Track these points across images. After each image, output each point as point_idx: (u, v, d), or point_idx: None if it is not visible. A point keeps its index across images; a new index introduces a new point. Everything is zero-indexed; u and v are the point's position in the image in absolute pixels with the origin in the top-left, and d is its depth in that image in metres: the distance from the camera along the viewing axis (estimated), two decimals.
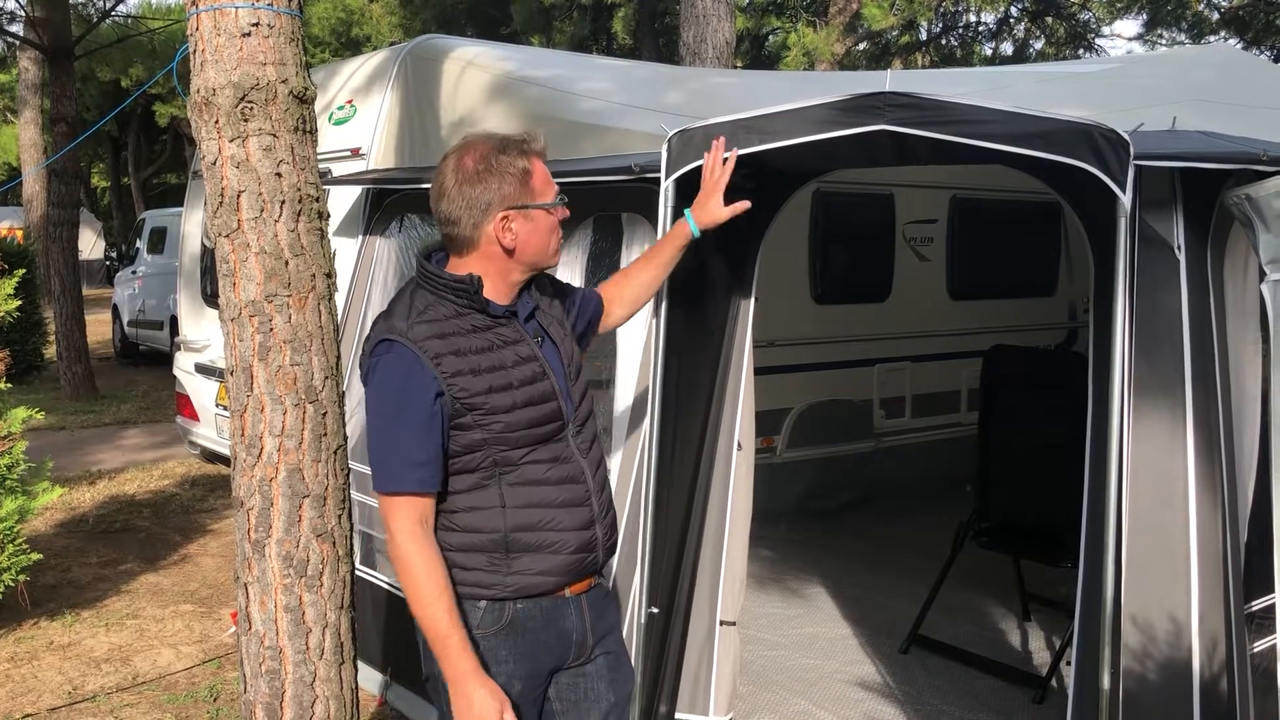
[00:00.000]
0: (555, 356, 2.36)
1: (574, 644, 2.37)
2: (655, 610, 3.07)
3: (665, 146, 2.94)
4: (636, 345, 3.36)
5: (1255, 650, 2.67)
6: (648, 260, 2.82)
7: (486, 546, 2.25)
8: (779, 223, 3.41)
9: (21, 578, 4.95)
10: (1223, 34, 19.17)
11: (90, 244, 26.20)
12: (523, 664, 2.30)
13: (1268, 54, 18.06)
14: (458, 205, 2.24)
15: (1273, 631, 2.60)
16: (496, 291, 2.30)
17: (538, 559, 2.27)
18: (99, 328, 14.92)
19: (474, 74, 4.51)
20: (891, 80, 2.70)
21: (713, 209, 2.78)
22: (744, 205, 2.79)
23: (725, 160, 2.82)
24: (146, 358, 14.43)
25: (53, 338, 12.27)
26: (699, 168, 2.88)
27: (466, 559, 2.26)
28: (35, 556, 5.04)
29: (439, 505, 2.25)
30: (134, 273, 14.73)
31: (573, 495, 2.31)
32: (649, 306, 3.14)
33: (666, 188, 2.94)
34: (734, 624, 3.37)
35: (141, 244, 14.92)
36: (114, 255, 16.52)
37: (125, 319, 14.87)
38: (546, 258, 2.34)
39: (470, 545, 2.25)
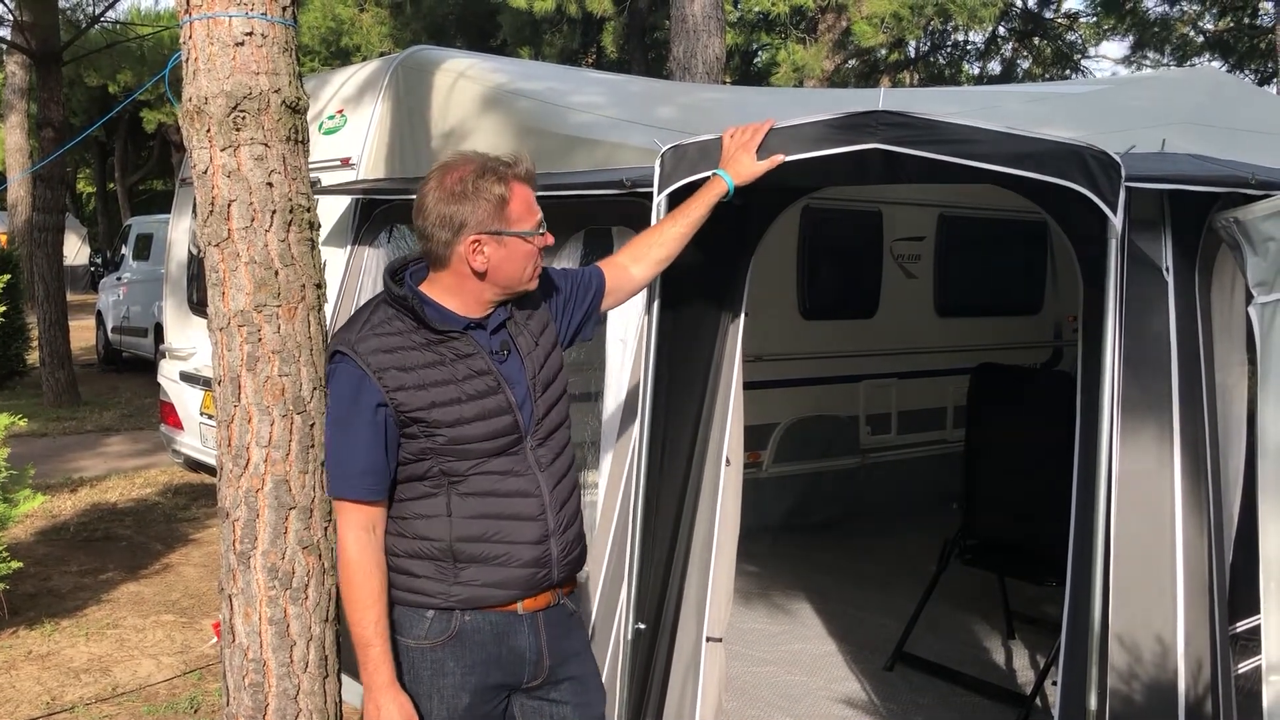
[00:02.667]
0: (518, 369, 2.35)
1: (528, 663, 2.36)
2: (642, 626, 3.06)
3: (658, 161, 2.94)
4: (627, 359, 3.35)
5: (1240, 671, 2.68)
6: (674, 219, 2.76)
7: (433, 555, 2.28)
8: (767, 238, 3.42)
9: (0, 586, 4.90)
10: (1207, 56, 19.36)
11: (75, 250, 26.09)
12: (470, 677, 2.30)
13: (1252, 77, 18.24)
14: (433, 222, 2.27)
15: (1257, 652, 2.61)
16: (467, 307, 2.32)
17: (484, 571, 2.28)
18: (83, 334, 14.84)
19: (466, 86, 4.51)
20: (884, 99, 2.71)
21: (748, 164, 2.74)
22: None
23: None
24: (130, 365, 14.35)
25: (36, 343, 12.19)
26: (691, 183, 2.88)
27: (415, 565, 2.29)
28: (15, 565, 5.00)
29: (392, 511, 2.30)
30: (119, 279, 14.66)
31: (523, 509, 2.31)
32: (640, 319, 3.14)
33: (659, 202, 2.94)
34: (720, 640, 3.36)
35: (127, 250, 14.84)
36: (99, 261, 16.42)
37: (109, 325, 14.79)
38: (520, 283, 2.34)
39: (418, 552, 2.29)
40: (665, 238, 2.73)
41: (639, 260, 2.71)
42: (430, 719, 2.30)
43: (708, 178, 2.81)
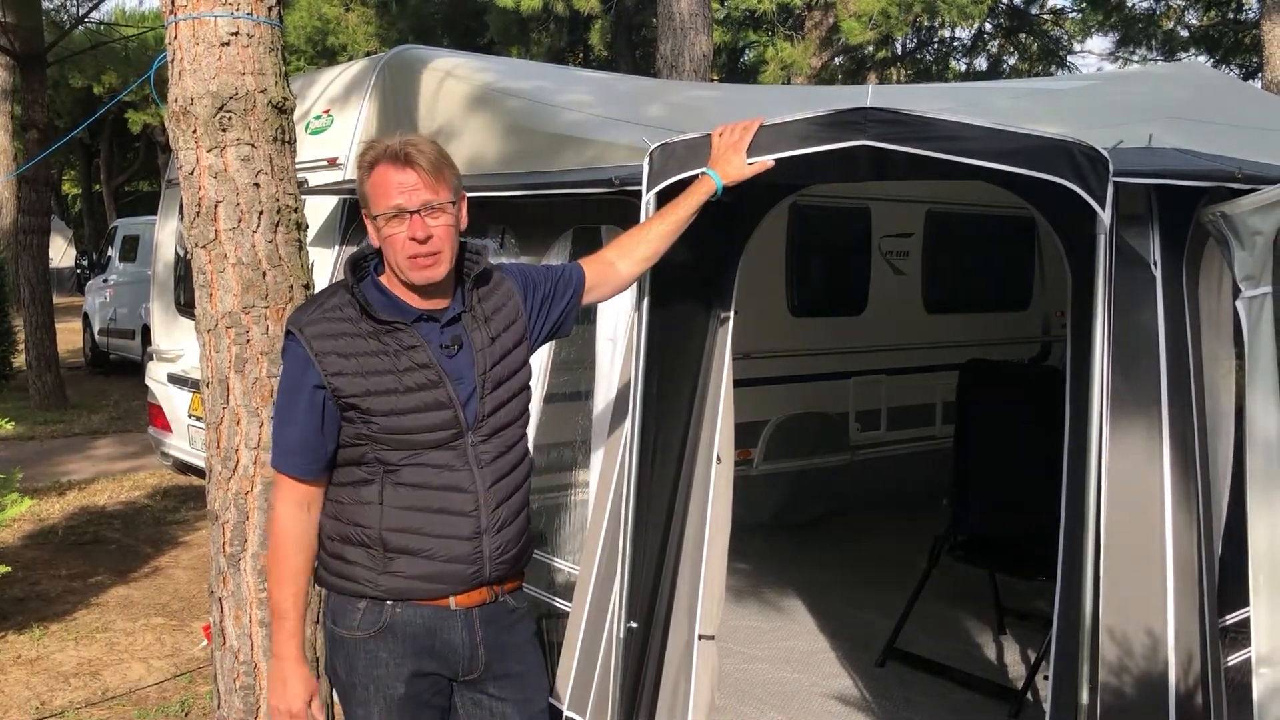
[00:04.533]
0: (468, 364, 2.31)
1: (462, 657, 2.35)
2: (634, 625, 3.06)
3: (647, 160, 2.94)
4: (616, 357, 3.35)
5: (1230, 664, 2.69)
6: (662, 217, 2.75)
7: (364, 541, 2.29)
8: (756, 236, 3.42)
9: None
10: (1193, 51, 19.45)
11: (61, 252, 25.97)
12: (403, 667, 2.31)
13: (1237, 72, 18.32)
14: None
15: (1247, 645, 2.62)
16: (408, 296, 2.30)
17: (414, 563, 2.28)
18: (69, 336, 14.77)
19: (453, 85, 4.50)
20: (872, 95, 2.71)
21: (738, 164, 2.73)
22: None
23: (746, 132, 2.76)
24: (117, 367, 14.29)
25: (22, 346, 12.13)
26: (680, 181, 2.88)
27: (348, 551, 2.30)
28: (3, 569, 4.97)
29: (330, 494, 2.33)
30: (105, 281, 14.60)
31: (454, 504, 2.29)
32: (630, 317, 3.13)
33: (648, 201, 2.93)
34: (712, 638, 3.36)
35: (114, 252, 14.78)
36: (85, 263, 16.35)
37: (96, 328, 14.72)
38: (402, 272, 2.26)
39: (350, 538, 2.30)
40: (652, 235, 2.72)
41: (625, 256, 2.70)
42: (368, 707, 2.31)
43: (696, 175, 2.80)
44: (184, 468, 7.73)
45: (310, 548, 2.32)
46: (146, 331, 10.41)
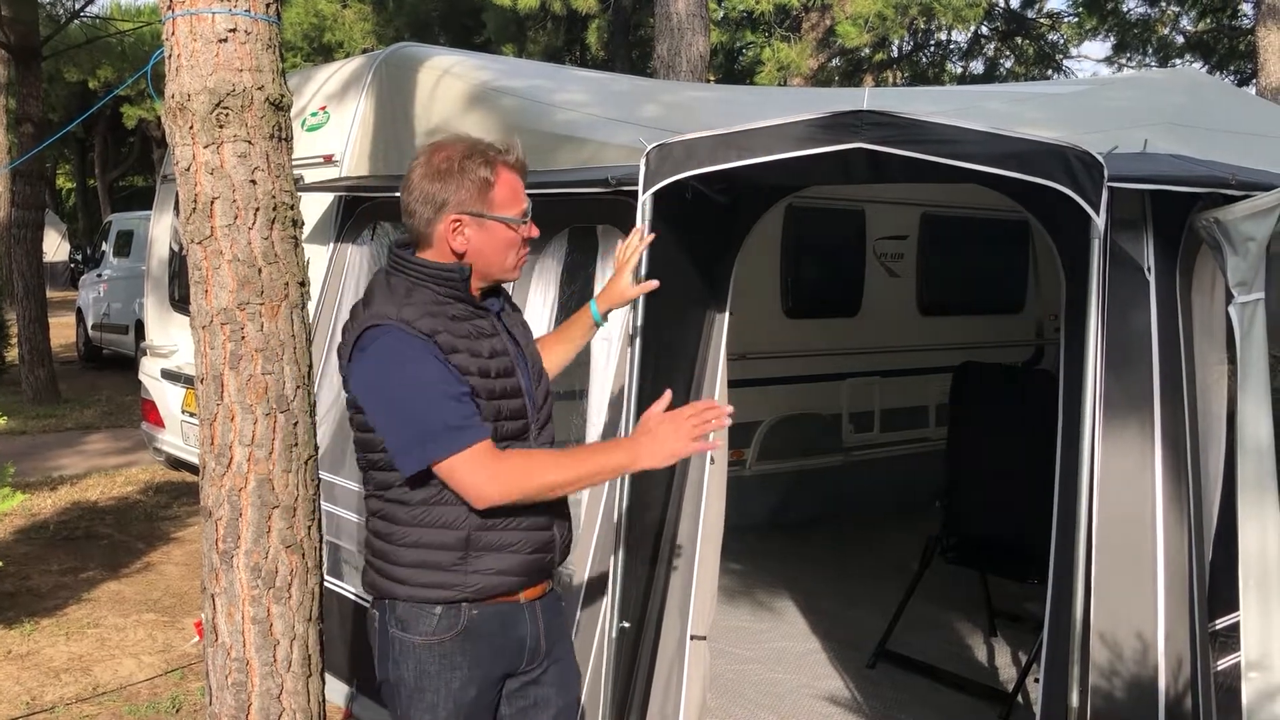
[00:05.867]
0: (521, 357, 2.38)
1: (527, 650, 2.38)
2: (627, 625, 3.06)
3: (644, 160, 2.94)
4: (611, 357, 3.35)
5: (1219, 668, 2.70)
6: (558, 338, 2.79)
7: (450, 544, 2.25)
8: (752, 237, 3.42)
9: None
10: (1187, 57, 19.50)
11: (55, 246, 25.90)
12: (478, 670, 2.31)
13: (1231, 78, 18.38)
14: (416, 198, 2.28)
15: (1236, 649, 2.63)
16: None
17: (498, 558, 2.28)
18: (63, 331, 14.75)
19: (450, 83, 4.50)
20: (868, 98, 2.71)
21: (621, 288, 2.75)
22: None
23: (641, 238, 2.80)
24: (111, 362, 14.27)
25: (15, 341, 12.10)
26: (676, 181, 2.89)
27: (429, 556, 2.26)
28: None
29: (417, 497, 2.24)
30: (99, 276, 14.57)
31: None
32: (625, 318, 3.14)
33: (644, 201, 2.94)
34: (705, 638, 3.36)
35: (108, 247, 14.76)
36: (79, 258, 16.32)
37: (90, 322, 14.70)
38: (501, 271, 2.34)
39: (433, 541, 2.26)
40: (551, 354, 2.70)
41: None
42: (435, 712, 2.30)
43: (688, 178, 2.83)
44: (177, 463, 7.71)
45: (542, 451, 2.30)
46: (140, 327, 10.39)
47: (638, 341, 2.98)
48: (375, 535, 2.33)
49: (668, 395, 2.30)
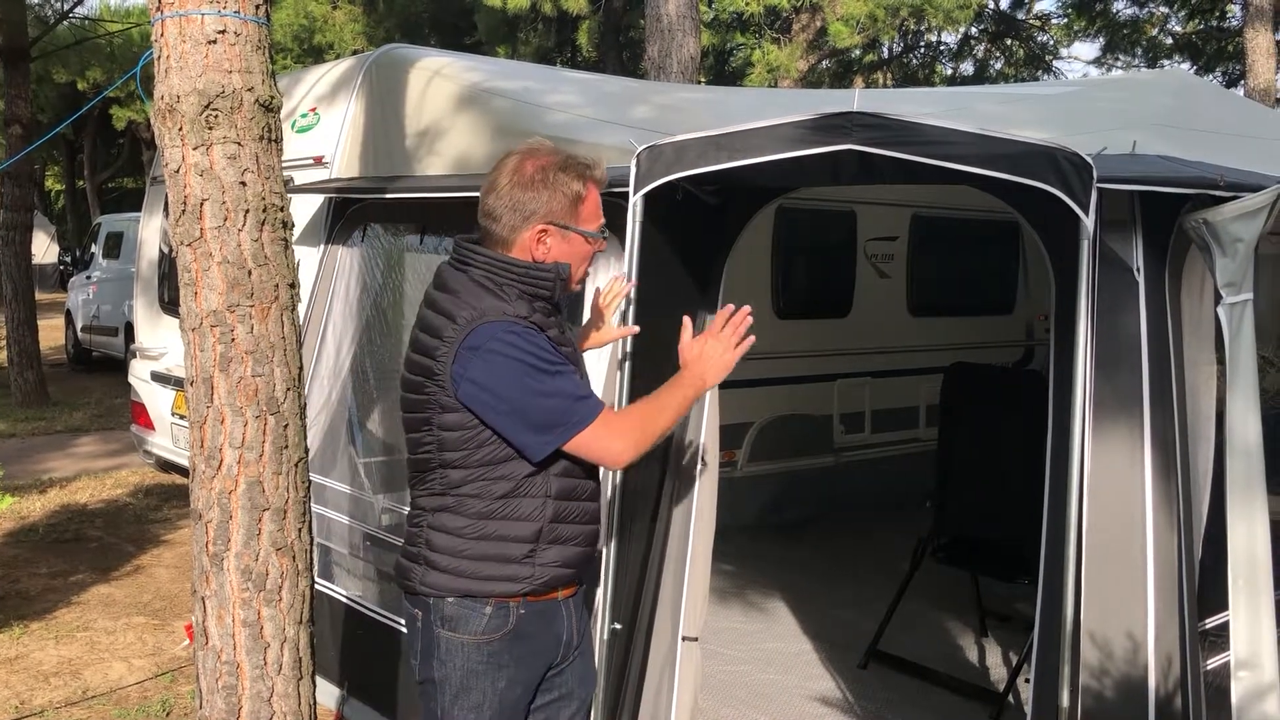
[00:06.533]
0: (578, 361, 2.50)
1: (563, 645, 2.44)
2: (618, 626, 3.07)
3: (634, 161, 2.94)
4: (601, 359, 3.35)
5: (1209, 668, 2.70)
6: None
7: (525, 536, 2.30)
8: (742, 238, 3.42)
9: None
10: (1176, 58, 19.58)
11: (44, 248, 25.78)
12: (523, 669, 2.36)
13: (1220, 79, 18.45)
14: (504, 204, 2.31)
15: (1226, 649, 2.64)
16: None
17: (561, 551, 2.34)
18: (52, 333, 14.67)
19: (441, 84, 4.49)
20: (859, 99, 2.72)
21: (601, 333, 2.80)
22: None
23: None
24: (100, 364, 14.21)
25: (4, 343, 12.05)
26: (667, 183, 2.89)
27: (501, 549, 2.29)
28: None
29: (497, 490, 2.28)
30: (89, 278, 14.51)
31: (591, 491, 2.41)
32: (616, 317, 3.13)
33: (635, 203, 2.94)
34: (696, 640, 3.36)
35: (97, 249, 14.70)
36: (68, 260, 16.26)
37: (79, 324, 14.64)
38: (574, 281, 2.42)
39: (509, 534, 2.30)
40: None
41: None
42: (480, 710, 2.33)
43: (679, 179, 2.85)
44: (166, 466, 7.70)
45: (641, 402, 2.39)
46: (130, 329, 10.36)
47: (629, 344, 2.98)
48: (439, 531, 2.33)
49: (688, 322, 2.44)
